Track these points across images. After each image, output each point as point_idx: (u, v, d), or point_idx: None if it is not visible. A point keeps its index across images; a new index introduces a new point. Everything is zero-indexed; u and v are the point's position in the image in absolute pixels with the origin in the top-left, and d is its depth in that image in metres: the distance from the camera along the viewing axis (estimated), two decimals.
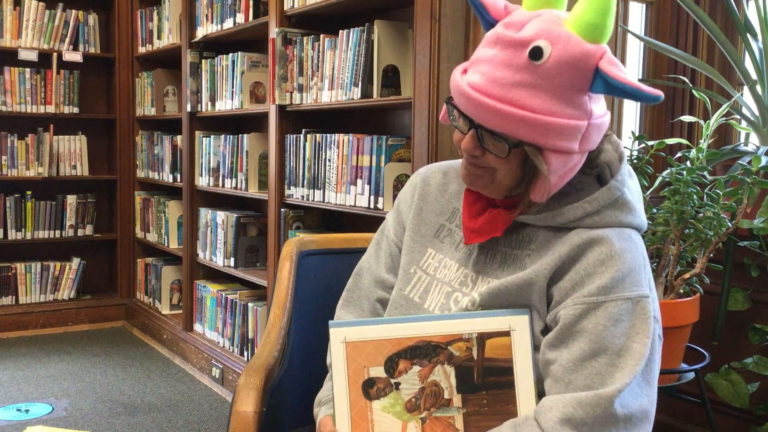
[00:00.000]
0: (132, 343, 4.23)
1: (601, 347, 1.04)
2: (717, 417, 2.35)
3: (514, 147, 1.05)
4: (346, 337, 1.12)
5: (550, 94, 1.02)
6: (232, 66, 3.45)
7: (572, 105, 1.04)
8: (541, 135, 1.03)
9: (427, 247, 1.27)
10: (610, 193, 1.11)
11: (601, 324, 1.04)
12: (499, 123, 1.03)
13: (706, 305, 2.22)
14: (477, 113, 1.05)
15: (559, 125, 1.03)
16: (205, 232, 3.75)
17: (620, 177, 1.13)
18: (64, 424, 2.98)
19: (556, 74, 1.02)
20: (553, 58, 1.01)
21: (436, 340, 1.11)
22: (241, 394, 1.34)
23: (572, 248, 1.09)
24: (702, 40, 2.72)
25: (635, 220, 1.13)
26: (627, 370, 1.03)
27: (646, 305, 1.07)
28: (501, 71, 1.03)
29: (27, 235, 4.44)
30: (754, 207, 2.10)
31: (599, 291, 1.05)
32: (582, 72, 1.02)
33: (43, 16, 4.42)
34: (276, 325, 1.53)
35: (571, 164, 1.08)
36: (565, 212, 1.11)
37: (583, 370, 1.04)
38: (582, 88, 1.04)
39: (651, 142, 2.16)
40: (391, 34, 2.59)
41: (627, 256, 1.07)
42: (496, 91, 1.03)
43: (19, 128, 4.44)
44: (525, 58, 1.02)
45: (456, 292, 1.19)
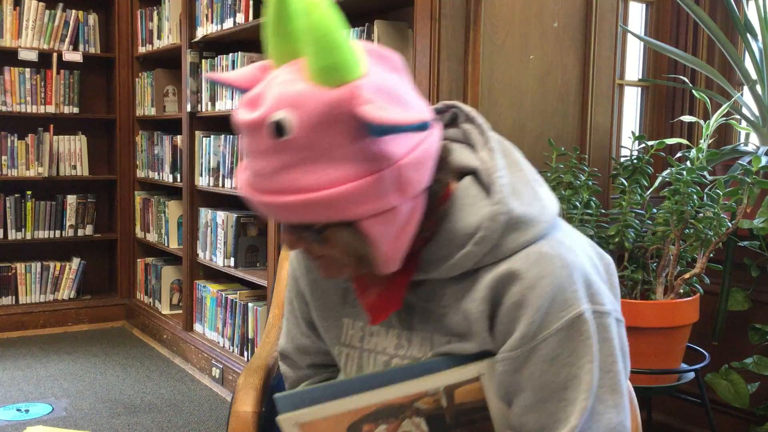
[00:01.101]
0: (132, 343, 4.23)
1: (546, 392, 0.94)
2: (717, 417, 2.35)
3: (320, 232, 0.90)
4: (297, 421, 1.00)
5: (320, 164, 0.84)
6: (232, 66, 3.45)
7: (356, 162, 0.85)
8: (337, 211, 0.86)
9: (341, 318, 1.10)
10: (496, 224, 0.93)
11: (537, 371, 0.94)
12: (288, 215, 0.87)
13: (706, 305, 2.22)
14: (265, 211, 0.89)
15: (352, 191, 0.85)
16: (205, 232, 3.75)
17: (499, 193, 0.94)
18: (64, 424, 2.98)
19: (314, 141, 0.84)
20: (300, 125, 0.83)
21: (399, 402, 1.00)
22: (241, 394, 1.34)
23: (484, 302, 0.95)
24: (702, 40, 2.72)
25: (538, 228, 0.95)
26: (577, 408, 0.93)
27: (581, 325, 0.93)
28: (258, 162, 0.87)
29: (27, 235, 4.44)
30: (754, 207, 2.10)
31: (522, 341, 0.93)
32: (343, 124, 0.84)
33: (43, 16, 4.42)
34: (276, 325, 1.53)
35: (402, 219, 0.90)
36: (458, 262, 0.95)
37: (532, 414, 0.96)
38: (357, 138, 0.84)
39: (651, 142, 2.16)
40: (391, 34, 2.59)
41: (543, 285, 0.92)
42: (263, 184, 0.87)
43: (19, 128, 4.44)
44: (269, 139, 0.84)
45: (394, 358, 1.04)
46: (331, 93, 0.84)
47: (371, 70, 0.87)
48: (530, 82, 2.30)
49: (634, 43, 2.83)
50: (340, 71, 0.84)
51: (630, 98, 2.89)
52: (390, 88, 0.87)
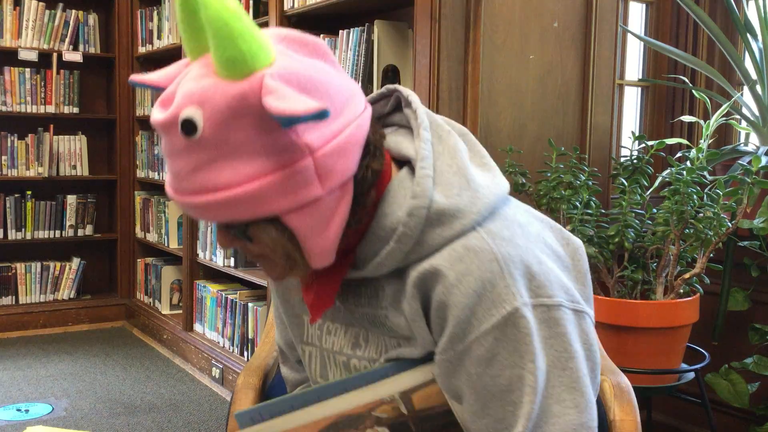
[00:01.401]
0: (132, 343, 4.23)
1: (487, 396, 0.89)
2: (717, 417, 2.35)
3: (243, 232, 0.88)
4: None
5: (233, 160, 0.82)
6: None
7: (270, 155, 0.82)
8: (255, 207, 0.83)
9: (302, 315, 1.09)
10: (416, 220, 0.88)
11: (474, 373, 0.88)
12: (209, 215, 0.86)
13: (706, 305, 2.22)
14: (189, 212, 0.88)
15: (269, 186, 0.82)
16: (205, 232, 3.75)
17: (419, 185, 0.89)
18: (64, 424, 2.98)
19: (225, 136, 0.81)
20: (208, 122, 0.81)
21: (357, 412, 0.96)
22: (240, 395, 1.34)
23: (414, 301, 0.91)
24: (702, 40, 2.72)
25: (465, 221, 0.89)
26: (523, 411, 0.87)
27: (518, 321, 0.87)
28: (175, 162, 0.86)
29: (27, 235, 4.44)
30: (754, 207, 2.10)
31: (452, 342, 0.88)
32: (251, 117, 0.80)
33: (43, 16, 4.43)
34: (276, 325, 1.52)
35: (327, 211, 0.86)
36: (384, 261, 0.91)
37: (482, 420, 0.91)
38: (267, 130, 0.81)
39: (651, 142, 2.16)
40: (391, 34, 2.59)
41: (468, 282, 0.87)
42: (183, 185, 0.86)
43: (19, 128, 4.44)
44: (182, 139, 0.83)
45: (352, 359, 1.02)
46: (235, 86, 0.80)
47: (281, 58, 0.83)
48: (530, 82, 2.30)
49: (634, 43, 2.83)
50: (244, 61, 0.80)
51: (630, 98, 2.89)
52: (301, 74, 0.82)
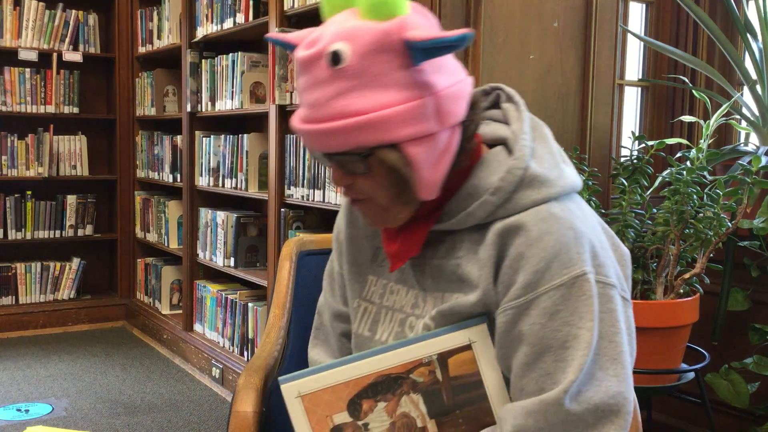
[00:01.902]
0: (132, 343, 4.23)
1: (544, 347, 0.97)
2: (717, 417, 2.35)
3: (366, 157, 0.98)
4: (299, 391, 1.05)
5: (371, 88, 0.95)
6: (232, 66, 3.45)
7: (403, 87, 0.96)
8: (385, 131, 0.95)
9: (367, 275, 1.19)
10: (512, 176, 1.01)
11: (537, 323, 0.98)
12: (339, 142, 0.97)
13: (706, 305, 2.22)
14: (316, 144, 0.99)
15: (397, 114, 0.95)
16: (205, 232, 3.75)
17: (519, 150, 1.03)
18: (64, 424, 2.98)
19: (366, 68, 0.95)
20: (354, 54, 0.94)
21: (396, 372, 1.04)
22: (241, 394, 1.34)
23: (494, 248, 1.01)
24: (702, 40, 2.72)
25: (552, 190, 1.02)
26: (575, 363, 0.96)
27: (583, 284, 0.97)
28: (315, 93, 0.97)
29: (27, 235, 4.44)
30: (754, 207, 2.10)
31: (524, 290, 0.98)
32: (391, 53, 0.95)
33: (43, 16, 4.43)
34: (276, 325, 1.52)
35: (439, 147, 0.99)
36: (474, 212, 1.03)
37: (531, 374, 0.98)
38: (403, 65, 0.95)
39: (651, 142, 2.16)
40: None
41: (548, 240, 0.98)
42: (320, 113, 0.97)
43: (19, 128, 4.44)
44: (327, 68, 0.96)
45: (410, 317, 1.11)
46: (380, 25, 0.95)
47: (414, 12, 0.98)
48: (530, 82, 2.30)
49: (634, 43, 2.83)
50: (388, 7, 0.95)
51: (630, 98, 2.89)
52: (433, 23, 1.00)
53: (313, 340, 1.32)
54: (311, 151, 1.03)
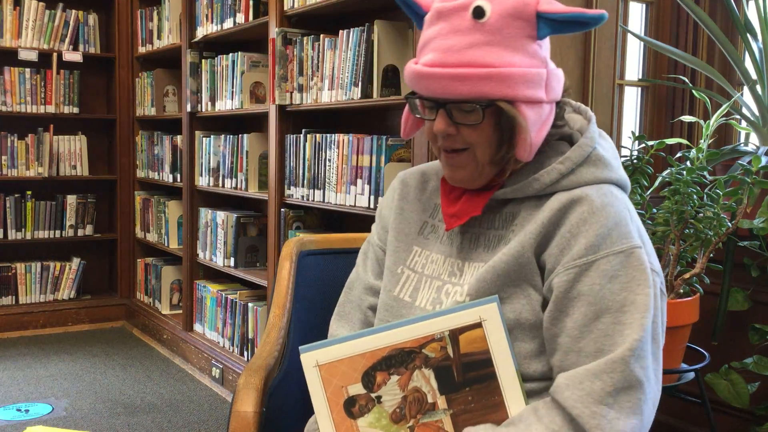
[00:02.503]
0: (132, 343, 4.24)
1: (603, 307, 1.02)
2: (717, 417, 2.35)
3: (486, 107, 1.06)
4: (318, 361, 1.10)
5: (503, 47, 1.05)
6: (232, 66, 3.45)
7: (527, 54, 1.07)
8: (509, 87, 1.05)
9: (413, 245, 1.26)
10: (581, 150, 1.11)
11: (597, 284, 1.03)
12: (464, 88, 1.05)
13: (706, 305, 2.22)
14: (440, 87, 1.06)
15: (523, 74, 1.05)
16: (205, 232, 3.75)
17: (589, 134, 1.14)
18: (64, 424, 2.98)
19: (502, 27, 1.05)
20: (494, 13, 1.05)
21: (409, 346, 1.09)
22: (241, 394, 1.34)
23: (552, 212, 1.08)
24: (702, 40, 2.72)
25: (613, 175, 1.13)
26: (635, 325, 1.01)
27: (641, 255, 1.05)
28: (451, 40, 1.06)
29: (27, 235, 4.44)
30: (754, 207, 2.10)
31: (587, 251, 1.04)
32: (525, 20, 1.06)
33: (43, 16, 4.43)
34: (276, 325, 1.53)
35: (543, 115, 1.09)
36: (540, 177, 1.11)
37: (589, 335, 1.02)
38: (530, 36, 1.07)
39: (651, 142, 2.16)
40: (391, 34, 2.59)
41: (610, 210, 1.06)
42: (453, 59, 1.05)
43: (19, 128, 4.44)
44: (469, 19, 1.05)
45: (446, 285, 1.17)
46: None
47: None
48: None
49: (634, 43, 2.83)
50: None
51: (630, 98, 2.89)
52: None
53: (335, 316, 1.37)
54: (429, 94, 1.08)
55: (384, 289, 1.26)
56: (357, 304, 1.33)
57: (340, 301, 1.37)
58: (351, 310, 1.34)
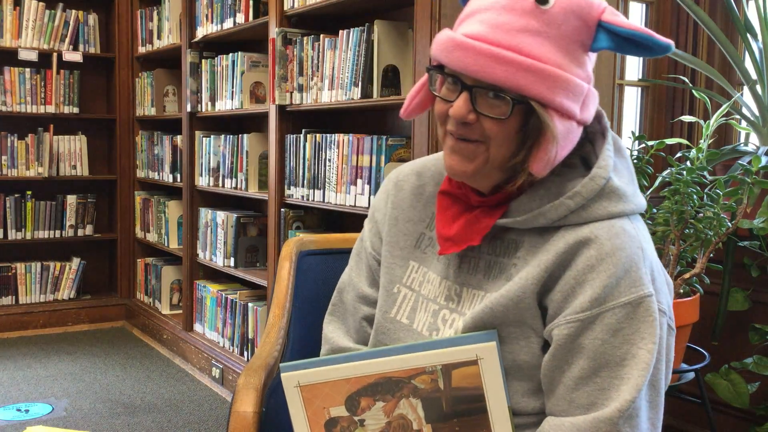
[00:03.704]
0: (132, 343, 4.23)
1: (602, 362, 0.96)
2: (717, 417, 2.35)
3: (517, 103, 0.94)
4: (299, 381, 1.04)
5: (556, 44, 0.95)
6: (232, 66, 3.45)
7: (576, 62, 0.97)
8: (549, 88, 0.93)
9: (409, 260, 1.16)
10: (594, 184, 1.00)
11: (599, 339, 0.96)
12: (502, 73, 0.93)
13: (706, 305, 2.22)
14: (475, 63, 0.93)
15: (566, 80, 0.94)
16: (205, 232, 3.75)
17: (603, 161, 1.01)
18: (64, 424, 2.98)
19: (561, 22, 0.95)
20: (558, 4, 0.95)
21: (398, 376, 1.03)
22: (241, 394, 1.34)
23: (558, 255, 0.98)
24: (702, 40, 2.72)
25: (627, 207, 1.01)
26: (631, 383, 0.95)
27: (649, 305, 0.96)
28: (505, 16, 0.95)
29: (27, 235, 4.44)
30: (754, 207, 2.10)
31: (592, 303, 0.96)
32: (585, 24, 0.96)
33: (43, 16, 4.43)
34: (276, 325, 1.52)
35: (571, 135, 0.98)
36: (547, 213, 1.00)
37: (585, 387, 0.97)
38: (584, 44, 0.97)
39: (651, 142, 2.16)
40: (391, 34, 2.59)
41: (620, 256, 0.96)
42: (501, 37, 0.94)
43: (19, 128, 4.44)
44: (531, 1, 0.94)
45: (443, 310, 1.09)
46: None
47: None
48: None
49: None
50: None
51: (630, 98, 2.89)
52: None
53: (329, 316, 1.30)
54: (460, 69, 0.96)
55: (380, 309, 1.18)
56: (351, 312, 1.26)
57: (333, 301, 1.30)
58: (345, 313, 1.28)
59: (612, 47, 0.97)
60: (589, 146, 1.06)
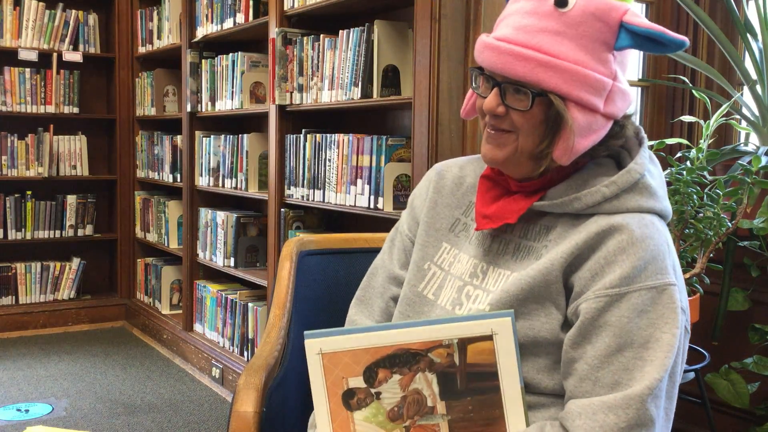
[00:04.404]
0: (132, 343, 4.23)
1: (627, 340, 1.00)
2: (717, 417, 2.35)
3: (537, 95, 1.04)
4: (321, 349, 1.09)
5: (575, 43, 1.04)
6: (232, 66, 3.45)
7: (597, 59, 1.04)
8: (565, 82, 1.03)
9: (442, 241, 1.24)
10: (629, 176, 1.08)
11: (625, 316, 1.00)
12: (523, 69, 1.03)
13: (706, 305, 2.22)
14: (500, 62, 1.04)
15: (584, 75, 1.03)
16: (205, 232, 3.75)
17: (640, 160, 1.10)
18: (64, 424, 2.98)
19: (580, 23, 1.04)
20: (578, 7, 1.04)
21: (415, 348, 1.07)
22: (241, 394, 1.34)
23: (590, 236, 1.05)
24: (702, 40, 2.72)
25: (657, 205, 1.09)
26: (657, 363, 0.99)
27: (673, 293, 1.02)
28: (527, 19, 1.05)
29: (27, 235, 4.44)
30: (754, 207, 2.10)
31: (621, 281, 1.01)
32: (606, 25, 1.04)
33: (43, 16, 4.43)
34: (276, 325, 1.52)
35: (595, 127, 1.06)
36: (582, 197, 1.08)
37: (609, 366, 1.00)
38: (607, 43, 1.05)
39: (651, 142, 2.16)
40: (391, 34, 2.59)
41: (649, 243, 1.03)
42: (521, 37, 1.04)
43: (19, 128, 4.44)
44: (550, 5, 1.04)
45: (467, 286, 1.16)
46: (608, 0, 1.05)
47: None
48: None
49: None
50: None
51: None
52: None
53: (355, 300, 1.36)
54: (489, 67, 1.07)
55: (408, 283, 1.25)
56: (380, 292, 1.32)
57: (362, 285, 1.36)
58: (372, 296, 1.33)
59: (633, 45, 1.05)
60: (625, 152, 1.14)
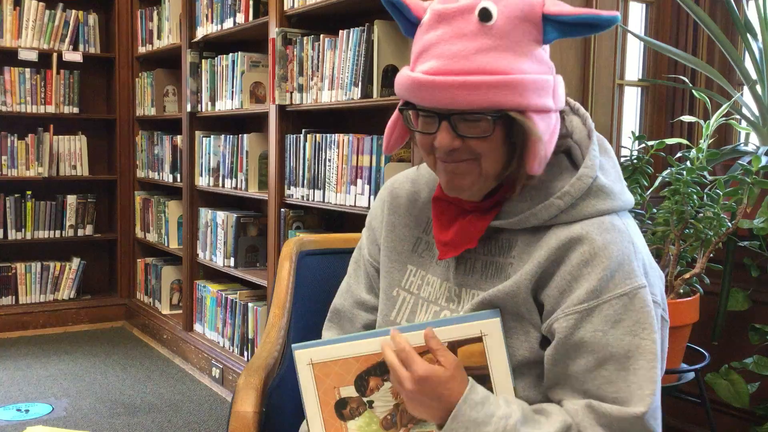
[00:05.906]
0: (132, 343, 4.23)
1: (607, 354, 0.99)
2: (717, 417, 2.35)
3: (497, 119, 0.97)
4: (312, 359, 1.07)
5: (511, 52, 0.97)
6: (232, 66, 3.45)
7: (535, 59, 0.99)
8: (521, 96, 0.96)
9: (407, 264, 1.20)
10: (581, 184, 1.03)
11: (600, 330, 0.99)
12: (474, 97, 0.95)
13: (706, 305, 2.22)
14: (446, 97, 0.96)
15: (533, 81, 0.97)
16: (205, 232, 3.75)
17: (590, 160, 1.05)
18: (64, 424, 2.98)
19: (510, 31, 0.97)
20: (501, 15, 0.97)
21: None
22: (241, 394, 1.34)
23: (551, 251, 1.02)
24: (702, 40, 2.72)
25: (615, 203, 1.05)
26: (646, 376, 0.98)
27: (644, 296, 1.00)
28: (456, 45, 0.97)
29: (27, 235, 4.44)
30: (754, 207, 2.10)
31: (588, 296, 0.99)
32: (532, 24, 0.99)
33: (43, 16, 4.43)
34: (276, 325, 1.53)
35: (552, 125, 1.02)
36: (538, 212, 1.03)
37: (593, 381, 1.00)
38: (537, 40, 1.00)
39: (651, 142, 2.16)
40: (391, 34, 2.59)
41: (612, 250, 1.00)
42: (460, 65, 0.96)
43: (19, 128, 4.44)
44: (475, 22, 0.97)
45: (444, 311, 1.12)
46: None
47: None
48: None
49: (634, 43, 2.83)
50: None
51: (630, 98, 2.89)
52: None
53: (327, 323, 1.33)
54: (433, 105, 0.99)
55: (381, 312, 1.21)
56: (349, 318, 1.29)
57: (333, 307, 1.33)
58: (342, 320, 1.30)
59: (562, 35, 1.00)
60: (576, 148, 1.09)
